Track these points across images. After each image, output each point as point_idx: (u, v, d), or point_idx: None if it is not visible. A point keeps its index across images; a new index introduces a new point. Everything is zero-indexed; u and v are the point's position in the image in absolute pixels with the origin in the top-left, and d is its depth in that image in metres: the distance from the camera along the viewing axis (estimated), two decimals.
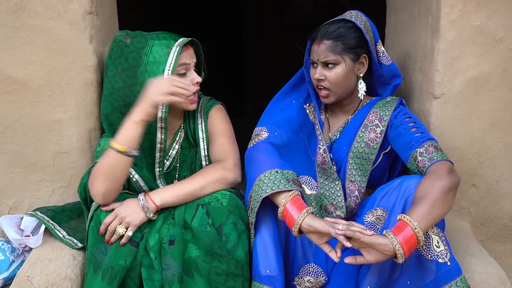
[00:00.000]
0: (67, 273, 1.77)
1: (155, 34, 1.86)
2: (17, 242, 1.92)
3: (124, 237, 1.73)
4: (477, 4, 1.97)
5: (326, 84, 1.92)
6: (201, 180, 1.84)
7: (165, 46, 1.82)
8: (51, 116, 2.02)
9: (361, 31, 1.89)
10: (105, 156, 1.75)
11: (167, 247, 1.75)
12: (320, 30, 1.92)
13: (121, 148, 1.72)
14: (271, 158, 1.82)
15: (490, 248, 2.22)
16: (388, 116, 1.90)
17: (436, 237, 1.64)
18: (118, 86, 1.83)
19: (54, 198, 2.09)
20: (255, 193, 1.74)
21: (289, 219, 1.66)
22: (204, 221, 1.76)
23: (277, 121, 2.01)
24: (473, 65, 2.03)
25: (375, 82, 2.06)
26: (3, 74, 1.96)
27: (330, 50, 1.89)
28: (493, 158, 2.13)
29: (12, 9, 1.91)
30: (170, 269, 1.72)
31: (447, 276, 1.62)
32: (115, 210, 1.76)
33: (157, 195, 1.79)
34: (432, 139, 1.80)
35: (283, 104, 2.09)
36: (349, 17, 1.92)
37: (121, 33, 1.89)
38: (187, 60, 1.86)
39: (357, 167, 1.93)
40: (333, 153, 1.99)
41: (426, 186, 1.61)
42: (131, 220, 1.74)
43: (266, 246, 1.75)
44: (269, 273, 1.72)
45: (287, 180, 1.74)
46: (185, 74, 1.86)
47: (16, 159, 2.05)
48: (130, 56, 1.82)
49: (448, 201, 1.61)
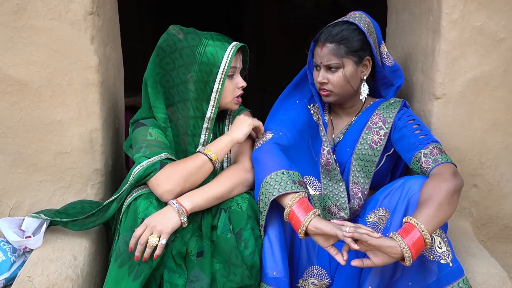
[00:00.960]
0: (68, 274, 1.77)
1: (208, 34, 1.90)
2: (16, 244, 1.92)
3: (158, 248, 1.65)
4: (478, 4, 1.97)
5: (329, 87, 1.92)
6: (229, 182, 1.84)
7: (219, 47, 1.86)
8: (52, 116, 2.02)
9: (365, 33, 1.88)
10: (195, 159, 1.82)
11: (194, 259, 1.75)
12: (323, 32, 1.91)
13: (214, 157, 1.82)
14: (277, 159, 1.82)
15: (491, 248, 2.22)
16: (392, 118, 1.91)
17: (438, 238, 1.64)
18: (178, 81, 1.89)
19: (55, 199, 2.09)
20: (263, 195, 1.74)
21: (295, 221, 1.66)
22: (226, 226, 1.77)
23: (282, 122, 2.02)
24: (474, 65, 2.03)
25: (378, 83, 2.06)
26: (4, 75, 1.96)
27: (333, 53, 1.88)
28: (494, 158, 2.13)
29: (13, 10, 1.91)
30: (198, 281, 1.72)
31: (449, 277, 1.62)
32: (145, 221, 1.69)
33: (186, 200, 1.75)
34: (436, 142, 1.80)
35: (287, 105, 2.08)
36: (352, 19, 1.91)
37: (174, 27, 1.92)
38: (237, 64, 1.91)
39: (361, 169, 1.93)
40: (336, 155, 1.99)
41: (432, 189, 1.60)
42: (163, 228, 1.66)
43: (273, 248, 1.75)
44: (276, 275, 1.72)
45: (293, 181, 1.73)
46: (232, 77, 1.91)
47: (17, 159, 2.05)
48: (184, 52, 1.86)
49: (453, 203, 1.61)
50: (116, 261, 1.69)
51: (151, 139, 1.87)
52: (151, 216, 1.70)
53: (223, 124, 2.07)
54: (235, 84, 1.93)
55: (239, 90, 1.95)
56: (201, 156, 1.82)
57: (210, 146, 1.87)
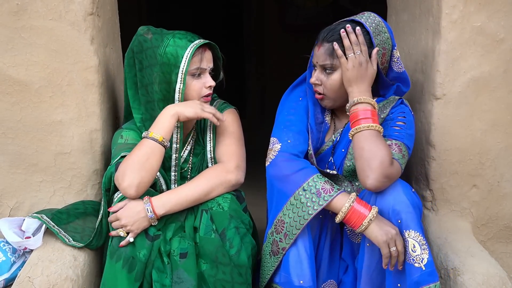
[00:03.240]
0: (68, 274, 1.77)
1: (171, 34, 1.86)
2: (16, 245, 1.92)
3: (124, 241, 1.73)
4: (478, 4, 1.97)
5: (321, 90, 1.86)
6: (205, 185, 1.84)
7: (179, 47, 1.82)
8: (52, 117, 2.02)
9: (369, 35, 1.79)
10: (140, 147, 1.77)
11: (178, 260, 1.76)
12: (322, 31, 1.84)
13: (160, 138, 1.77)
14: (303, 167, 1.79)
15: (491, 248, 2.22)
16: (386, 114, 1.88)
17: (412, 241, 1.63)
18: (146, 82, 1.87)
19: (55, 199, 2.09)
20: (294, 213, 1.73)
21: (358, 217, 1.66)
22: (209, 227, 1.77)
23: (292, 130, 1.92)
24: (474, 65, 2.03)
25: (379, 84, 2.02)
26: (4, 75, 1.96)
27: (328, 53, 1.79)
28: (494, 158, 2.13)
29: (13, 10, 1.91)
30: (183, 282, 1.73)
31: (420, 280, 1.62)
32: (118, 213, 1.75)
33: (160, 204, 1.77)
34: (403, 142, 1.78)
35: (290, 106, 2.01)
36: (358, 18, 1.82)
37: (143, 27, 1.90)
38: (203, 65, 1.86)
39: (355, 169, 1.92)
40: (334, 156, 1.98)
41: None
42: (133, 229, 1.74)
43: (301, 257, 1.74)
44: (302, 284, 1.72)
45: (330, 183, 1.73)
46: (200, 76, 1.88)
47: (17, 160, 2.05)
48: (148, 54, 1.85)
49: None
50: (111, 257, 1.73)
51: (120, 143, 1.91)
52: (125, 211, 1.74)
53: (205, 125, 2.03)
54: (202, 84, 1.88)
55: (207, 90, 1.89)
56: (147, 141, 1.78)
57: (153, 127, 1.81)
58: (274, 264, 1.77)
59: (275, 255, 1.77)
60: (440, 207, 2.17)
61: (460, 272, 1.86)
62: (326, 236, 1.85)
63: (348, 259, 1.87)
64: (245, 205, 1.93)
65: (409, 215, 1.65)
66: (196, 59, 1.84)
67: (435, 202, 2.17)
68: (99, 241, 1.92)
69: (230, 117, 2.03)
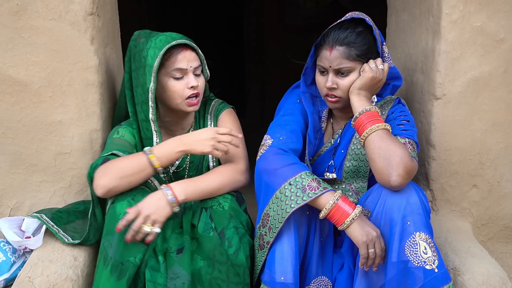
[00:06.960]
0: (68, 274, 1.77)
1: (156, 36, 1.86)
2: (16, 245, 1.92)
3: (152, 235, 1.69)
4: (478, 5, 1.97)
5: (338, 93, 1.83)
6: (220, 180, 1.85)
7: (157, 48, 1.82)
8: (52, 117, 2.02)
9: (369, 35, 1.81)
10: (133, 159, 1.76)
11: (174, 256, 1.75)
12: (330, 35, 1.81)
13: (156, 165, 1.76)
14: (292, 162, 1.77)
15: (491, 248, 2.22)
16: (385, 115, 1.89)
17: (423, 243, 1.63)
18: (135, 84, 1.88)
19: (55, 199, 2.09)
20: (278, 206, 1.72)
21: (342, 215, 1.67)
22: (208, 225, 1.77)
23: (285, 128, 1.92)
24: (474, 65, 2.03)
25: None
26: (4, 75, 1.96)
27: (344, 56, 1.78)
28: (494, 158, 2.13)
29: (13, 10, 1.91)
30: (179, 277, 1.72)
31: (434, 283, 1.61)
32: (137, 207, 1.70)
33: (180, 191, 1.75)
34: (413, 139, 1.79)
35: (287, 107, 2.01)
36: (357, 15, 1.83)
37: (137, 32, 1.92)
38: (182, 65, 1.84)
39: (355, 169, 1.92)
40: (335, 158, 1.97)
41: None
42: (157, 217, 1.69)
43: (285, 254, 1.73)
44: (283, 281, 1.71)
45: (318, 181, 1.72)
46: (182, 78, 1.86)
47: (17, 160, 2.05)
48: (136, 57, 1.86)
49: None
50: (104, 264, 1.70)
51: (115, 137, 1.91)
52: (144, 202, 1.71)
53: (205, 125, 2.03)
54: (184, 85, 1.85)
55: (190, 90, 1.86)
56: (143, 159, 1.76)
57: (157, 148, 1.79)
58: (262, 258, 1.77)
59: (262, 249, 1.77)
60: (440, 207, 2.17)
61: (460, 272, 1.86)
62: (315, 232, 1.83)
63: (348, 254, 1.86)
64: (245, 206, 1.94)
65: (419, 217, 1.64)
66: (174, 59, 1.83)
67: (435, 202, 2.17)
68: (96, 235, 1.89)
69: (229, 117, 2.03)
